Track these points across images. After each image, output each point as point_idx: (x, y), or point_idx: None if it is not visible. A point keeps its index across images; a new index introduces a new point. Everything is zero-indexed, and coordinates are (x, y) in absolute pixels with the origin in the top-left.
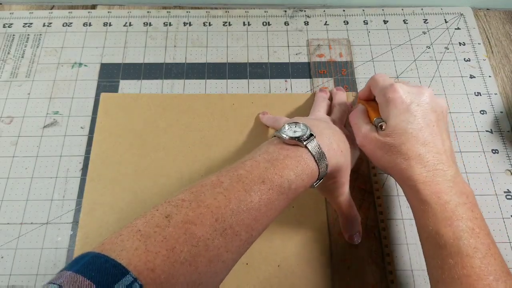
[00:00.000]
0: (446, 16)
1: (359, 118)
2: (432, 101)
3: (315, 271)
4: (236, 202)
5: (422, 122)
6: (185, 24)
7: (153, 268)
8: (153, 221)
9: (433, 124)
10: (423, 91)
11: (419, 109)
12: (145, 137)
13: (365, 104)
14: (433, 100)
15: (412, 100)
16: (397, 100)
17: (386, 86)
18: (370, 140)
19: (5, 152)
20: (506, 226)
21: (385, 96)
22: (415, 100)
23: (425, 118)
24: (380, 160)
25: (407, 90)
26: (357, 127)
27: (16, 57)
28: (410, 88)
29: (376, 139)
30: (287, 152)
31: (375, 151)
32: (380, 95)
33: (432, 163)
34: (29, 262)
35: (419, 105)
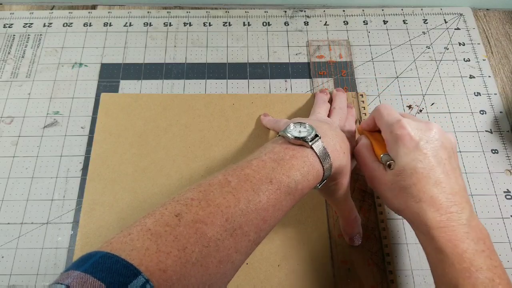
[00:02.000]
0: (445, 16)
1: (365, 155)
2: (441, 137)
3: (315, 271)
4: (245, 202)
5: (433, 161)
6: (185, 24)
7: (165, 269)
8: (163, 220)
9: (444, 162)
10: (431, 127)
11: (429, 146)
12: (145, 137)
13: (369, 136)
14: (443, 136)
15: (421, 137)
16: (405, 137)
17: (392, 122)
18: (379, 181)
19: (5, 152)
20: (506, 226)
21: (392, 133)
22: (424, 137)
23: (435, 156)
24: (390, 202)
25: (415, 126)
26: (364, 165)
27: (16, 57)
28: (418, 124)
29: (386, 180)
30: (293, 152)
31: (386, 192)
32: (387, 131)
33: (445, 205)
34: (30, 262)
35: (429, 142)
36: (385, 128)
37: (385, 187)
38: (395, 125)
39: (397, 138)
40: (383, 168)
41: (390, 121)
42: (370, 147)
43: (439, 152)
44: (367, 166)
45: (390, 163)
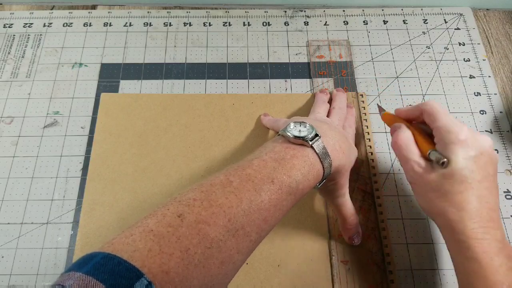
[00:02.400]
0: (445, 16)
1: (409, 150)
2: (492, 152)
3: (315, 271)
4: (247, 202)
5: (482, 173)
6: (185, 24)
7: (168, 270)
8: (165, 221)
9: (491, 177)
10: (487, 139)
11: (482, 158)
12: (145, 137)
13: (410, 128)
14: (493, 151)
15: (477, 147)
16: (463, 143)
17: (454, 124)
18: (422, 179)
19: (5, 152)
20: (506, 226)
21: (449, 134)
22: (480, 148)
23: (485, 169)
24: (428, 203)
25: (471, 135)
26: (408, 160)
27: (16, 57)
28: (475, 134)
29: (431, 180)
30: (293, 152)
31: (427, 192)
32: (443, 132)
33: (485, 219)
34: (29, 262)
35: (482, 154)
36: (441, 128)
37: (428, 187)
38: (455, 128)
39: (455, 141)
40: (430, 166)
41: (450, 123)
42: (414, 141)
43: (488, 167)
44: (410, 162)
45: (444, 161)
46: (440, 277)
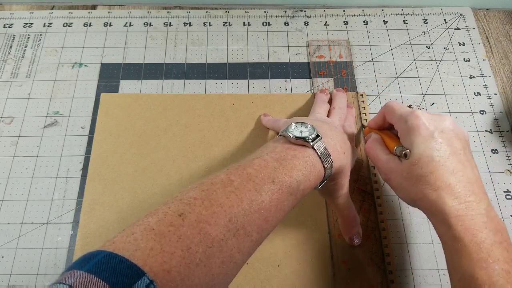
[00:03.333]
0: (445, 16)
1: (378, 149)
2: (455, 128)
3: (315, 271)
4: (248, 201)
5: (448, 149)
6: (185, 24)
7: (169, 269)
8: (166, 220)
9: (460, 152)
10: (445, 118)
11: (444, 136)
12: (145, 137)
13: (379, 133)
14: (456, 127)
15: (436, 126)
16: (420, 126)
17: (406, 113)
18: (394, 171)
19: (5, 152)
20: (506, 226)
21: (406, 123)
22: (438, 127)
23: (451, 145)
24: (406, 192)
25: (429, 116)
26: (378, 159)
27: (16, 57)
28: (432, 115)
29: (401, 170)
30: (294, 152)
31: (401, 183)
32: (400, 122)
33: (463, 194)
34: (30, 262)
35: (444, 132)
36: (398, 120)
37: (401, 177)
38: (410, 116)
39: (412, 127)
40: (398, 160)
41: (404, 112)
42: (381, 142)
43: (454, 142)
44: (380, 160)
45: (406, 153)
46: (440, 277)
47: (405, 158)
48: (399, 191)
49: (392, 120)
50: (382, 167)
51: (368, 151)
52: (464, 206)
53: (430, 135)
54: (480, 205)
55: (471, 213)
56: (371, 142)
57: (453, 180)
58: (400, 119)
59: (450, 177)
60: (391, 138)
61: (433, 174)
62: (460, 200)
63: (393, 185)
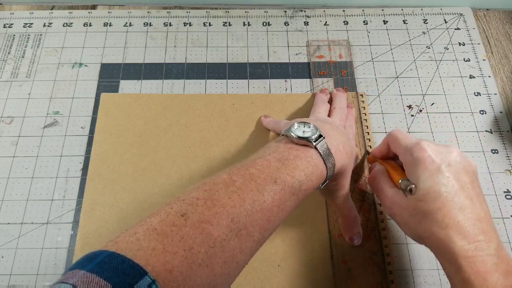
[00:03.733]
0: (445, 16)
1: (382, 181)
2: (462, 160)
3: (315, 271)
4: (250, 202)
5: (456, 184)
6: (185, 24)
7: (171, 269)
8: (169, 220)
9: (468, 186)
10: (452, 150)
11: (451, 169)
12: (145, 137)
13: (383, 163)
14: (464, 159)
15: (442, 159)
16: (426, 159)
17: (411, 145)
18: (399, 207)
19: (5, 152)
20: (506, 226)
21: (412, 156)
22: (445, 160)
23: (459, 179)
24: (413, 229)
25: (435, 148)
26: (382, 192)
27: (16, 57)
28: (438, 147)
29: (407, 205)
30: (297, 152)
31: (407, 219)
32: (406, 154)
33: (473, 232)
34: (30, 262)
35: (450, 165)
36: (403, 152)
37: (407, 213)
38: (415, 148)
39: (417, 161)
40: (403, 194)
41: (409, 144)
42: (386, 173)
43: (462, 176)
44: (384, 193)
45: (411, 188)
46: (440, 277)
47: (410, 194)
48: (404, 227)
49: (396, 150)
50: (386, 201)
51: (372, 183)
52: (473, 246)
53: (436, 169)
54: (490, 244)
55: (481, 254)
56: (374, 174)
57: (461, 217)
58: (405, 151)
59: (458, 214)
60: (395, 170)
61: (440, 211)
62: (469, 240)
63: (398, 221)
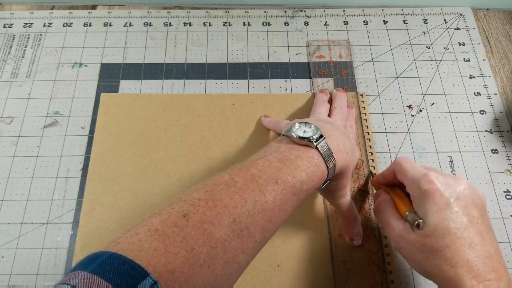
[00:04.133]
0: (445, 16)
1: (388, 212)
2: (471, 193)
3: (315, 271)
4: (251, 202)
5: (465, 219)
6: (185, 24)
7: (173, 270)
8: (170, 220)
9: (477, 221)
10: (461, 182)
11: (461, 203)
12: (145, 137)
13: (389, 191)
14: (472, 191)
15: (451, 193)
16: (435, 193)
17: (419, 176)
18: (406, 241)
19: (5, 152)
20: (506, 226)
21: (420, 188)
22: (454, 193)
23: (468, 214)
24: (420, 265)
25: (443, 181)
26: (388, 225)
27: (16, 57)
28: (446, 178)
29: (414, 241)
30: (298, 152)
31: (414, 254)
32: (413, 186)
33: (483, 271)
34: (30, 262)
35: (459, 198)
36: (410, 183)
37: (414, 249)
38: (422, 180)
39: (425, 194)
40: (410, 228)
41: (416, 175)
42: (392, 204)
43: (471, 210)
44: (391, 226)
45: (419, 223)
46: None
47: (418, 229)
48: (411, 262)
49: (403, 180)
50: (392, 234)
51: (377, 213)
52: (483, 285)
53: (445, 203)
54: (500, 283)
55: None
56: (380, 204)
57: (471, 255)
58: (412, 182)
59: (468, 251)
60: (402, 201)
61: (449, 248)
62: (479, 279)
63: (404, 255)
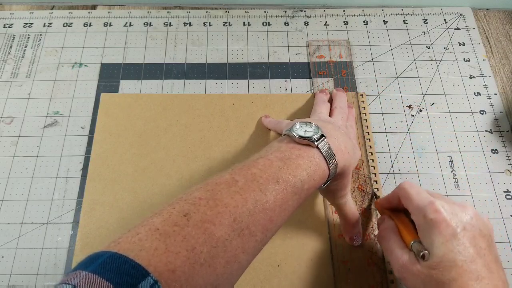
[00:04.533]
0: (445, 16)
1: (392, 241)
2: (479, 223)
3: (315, 271)
4: (252, 202)
5: (472, 251)
6: (185, 24)
7: (174, 269)
8: (171, 220)
9: (485, 252)
10: (467, 211)
11: (467, 234)
12: (145, 137)
13: (393, 217)
14: (480, 221)
15: (457, 223)
16: (441, 223)
17: (424, 205)
18: (410, 272)
19: (5, 152)
20: (506, 226)
21: (425, 218)
22: (461, 223)
23: (475, 245)
24: None
25: (450, 210)
26: (392, 254)
27: (16, 57)
28: (452, 207)
29: (419, 272)
30: (299, 152)
31: (419, 286)
32: (418, 214)
33: None
34: (30, 262)
35: (466, 229)
36: (415, 211)
37: (418, 280)
38: (428, 209)
39: (431, 224)
40: (414, 258)
41: (422, 203)
42: (396, 231)
43: (478, 240)
44: (395, 255)
45: (424, 254)
46: None
47: (423, 260)
48: None
49: (408, 207)
50: (396, 264)
51: (381, 240)
52: None
53: (452, 234)
54: None
55: None
56: (384, 232)
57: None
58: (418, 210)
59: (475, 285)
60: (406, 228)
61: (456, 281)
62: None
63: (408, 286)
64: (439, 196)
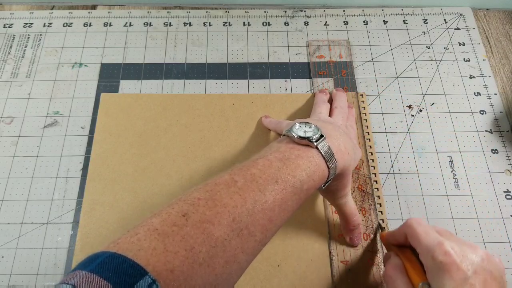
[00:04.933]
0: (445, 16)
1: (398, 279)
2: (490, 265)
3: (315, 271)
4: (251, 202)
5: None
6: (185, 24)
7: (172, 269)
8: (170, 220)
9: None
10: (478, 252)
11: (479, 278)
12: (145, 137)
13: (400, 256)
14: (491, 262)
15: (468, 266)
16: (451, 266)
17: (433, 245)
18: None
19: (5, 152)
20: (506, 226)
21: (434, 259)
22: (471, 266)
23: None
24: None
25: (460, 252)
26: None
27: (16, 57)
28: (462, 248)
29: None
30: (298, 152)
31: None
32: (427, 255)
33: None
34: (30, 262)
35: (477, 272)
36: (424, 252)
37: None
38: (438, 250)
39: (441, 266)
40: None
41: (430, 243)
42: (403, 270)
43: (490, 284)
44: None
45: None
46: None
47: None
48: None
49: (415, 246)
50: None
51: (387, 280)
52: None
53: (463, 279)
54: None
55: None
56: (390, 270)
57: None
58: (426, 251)
59: None
60: (414, 269)
61: None
62: None
63: None
64: (447, 234)
